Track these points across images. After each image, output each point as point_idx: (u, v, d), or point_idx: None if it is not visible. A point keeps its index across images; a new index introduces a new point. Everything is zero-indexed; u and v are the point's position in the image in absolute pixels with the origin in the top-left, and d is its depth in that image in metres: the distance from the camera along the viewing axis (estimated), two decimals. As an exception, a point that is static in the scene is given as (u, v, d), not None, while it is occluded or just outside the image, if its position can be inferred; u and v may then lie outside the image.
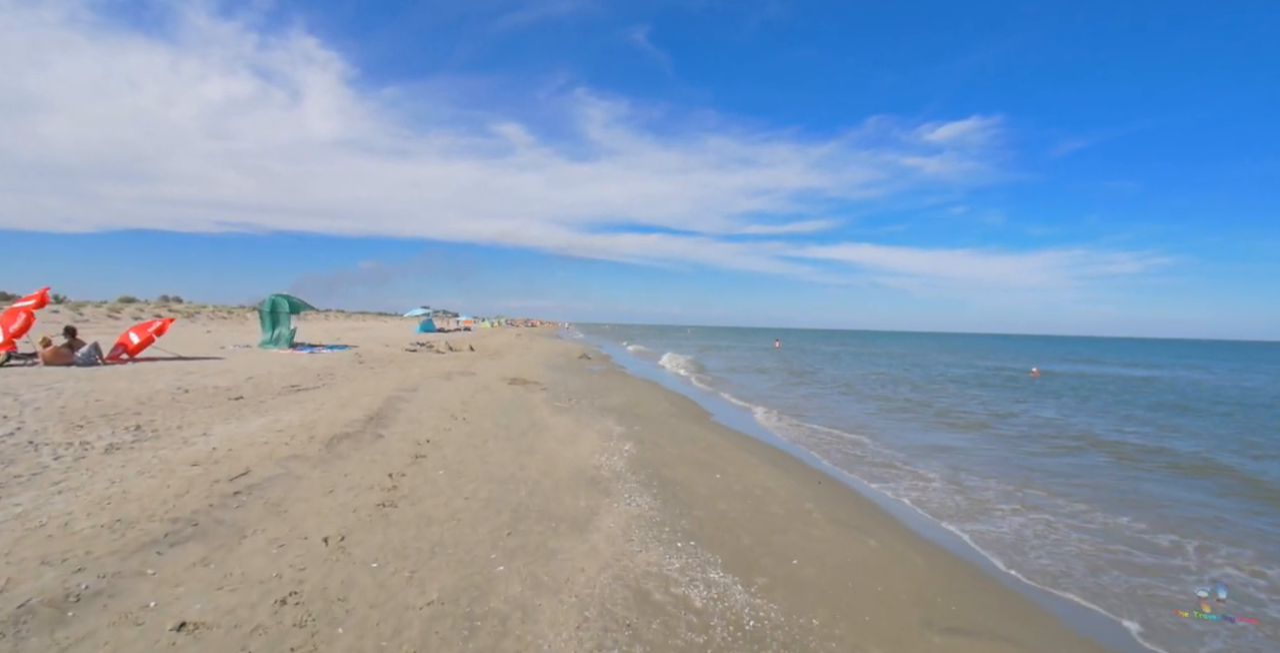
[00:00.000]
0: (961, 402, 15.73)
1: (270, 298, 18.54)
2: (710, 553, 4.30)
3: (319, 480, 5.06)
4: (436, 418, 8.11)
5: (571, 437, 7.78)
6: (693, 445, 7.97)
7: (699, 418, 10.80)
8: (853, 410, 13.48)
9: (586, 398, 11.68)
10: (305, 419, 7.29)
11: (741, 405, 13.57)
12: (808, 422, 11.45)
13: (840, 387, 18.93)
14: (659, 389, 15.01)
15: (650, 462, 6.82)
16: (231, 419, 7.21)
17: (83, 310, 30.27)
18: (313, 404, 8.40)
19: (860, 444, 9.44)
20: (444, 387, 11.25)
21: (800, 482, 6.68)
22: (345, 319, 62.90)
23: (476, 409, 9.06)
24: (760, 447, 8.77)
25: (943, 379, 23.43)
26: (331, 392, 9.72)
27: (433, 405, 9.04)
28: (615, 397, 12.29)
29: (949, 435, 10.67)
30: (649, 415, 10.19)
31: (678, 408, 11.59)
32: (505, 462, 6.22)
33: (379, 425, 7.30)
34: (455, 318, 62.55)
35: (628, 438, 8.04)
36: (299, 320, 19.22)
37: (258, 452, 5.69)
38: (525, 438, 7.45)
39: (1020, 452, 9.46)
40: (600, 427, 8.65)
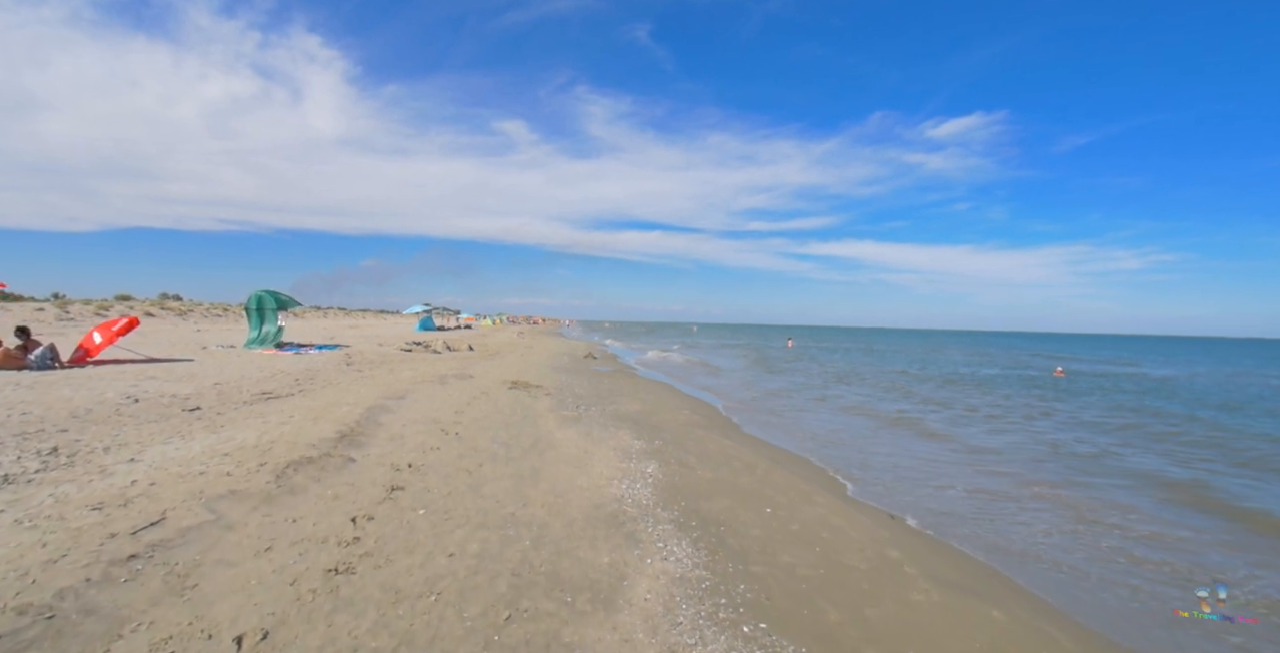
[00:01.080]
0: (1011, 408, 14.45)
1: (255, 295, 17.33)
2: (790, 643, 3.06)
3: (255, 531, 3.82)
4: (423, 433, 6.87)
5: (583, 456, 6.53)
6: (728, 466, 6.72)
7: (727, 429, 9.54)
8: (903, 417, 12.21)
9: (596, 404, 10.44)
10: (263, 437, 6.05)
11: (771, 411, 12.31)
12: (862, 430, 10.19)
13: (874, 387, 17.66)
14: (675, 393, 13.75)
15: (682, 490, 5.57)
16: (174, 438, 5.98)
17: (69, 308, 29.13)
18: (279, 416, 7.16)
19: (930, 459, 8.19)
20: (437, 392, 10.01)
21: (871, 517, 5.42)
22: (345, 317, 61.76)
23: (471, 421, 7.82)
24: (807, 467, 7.52)
25: (971, 380, 22.12)
26: (307, 400, 8.48)
27: (421, 416, 7.80)
28: (628, 402, 11.05)
29: (1023, 446, 9.40)
30: (669, 426, 8.94)
31: (700, 416, 10.33)
32: (504, 494, 4.98)
33: (352, 445, 6.05)
34: (456, 316, 61.36)
35: (650, 456, 6.80)
36: (287, 318, 17.99)
37: (187, 487, 4.46)
38: (528, 459, 6.20)
39: (1141, 477, 8.19)
40: (616, 441, 7.41)
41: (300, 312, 56.09)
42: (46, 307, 28.75)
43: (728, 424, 10.02)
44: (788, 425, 10.63)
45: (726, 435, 8.67)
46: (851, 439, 9.52)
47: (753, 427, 10.12)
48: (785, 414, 12.01)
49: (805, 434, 9.82)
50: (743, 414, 11.55)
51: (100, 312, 30.50)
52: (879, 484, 6.90)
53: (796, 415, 11.89)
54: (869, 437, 9.82)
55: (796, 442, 9.09)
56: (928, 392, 17.00)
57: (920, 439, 9.73)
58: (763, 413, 12.02)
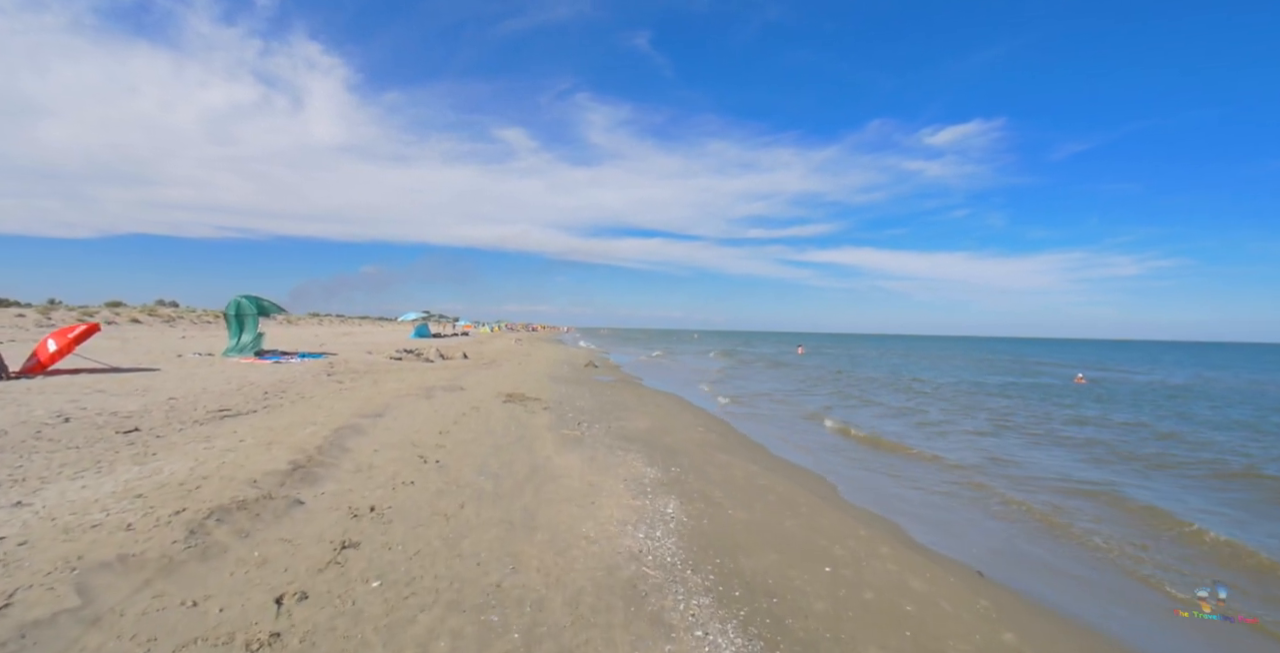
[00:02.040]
0: (1051, 417, 13.31)
1: (235, 300, 16.23)
2: None
3: (131, 626, 2.70)
4: (398, 462, 5.75)
5: (588, 491, 5.41)
6: (762, 502, 5.60)
7: (750, 451, 8.41)
8: (945, 432, 11.08)
9: (600, 421, 9.32)
10: (197, 470, 4.93)
11: (796, 429, 11.17)
12: (900, 450, 9.05)
13: (900, 393, 16.53)
14: (687, 408, 12.62)
15: (714, 539, 4.45)
16: (88, 471, 4.86)
17: (51, 314, 28.04)
18: (227, 441, 6.04)
19: (989, 488, 7.06)
20: (421, 409, 8.89)
21: (957, 576, 4.29)
22: (340, 324, 60.64)
23: (457, 444, 6.70)
24: (860, 502, 6.40)
25: (990, 388, 20.98)
26: (268, 419, 7.36)
27: (398, 439, 6.68)
28: (636, 418, 9.93)
29: (1115, 473, 8.27)
30: (685, 448, 7.82)
31: (717, 435, 9.20)
32: (489, 551, 3.86)
33: (305, 480, 4.93)
34: (454, 323, 60.29)
35: (668, 489, 5.68)
36: (272, 325, 16.87)
37: (66, 549, 3.34)
38: (522, 496, 5.08)
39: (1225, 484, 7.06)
40: (626, 469, 6.30)
41: (295, 318, 55.04)
42: (28, 312, 27.66)
43: (750, 445, 8.89)
44: (818, 446, 9.50)
45: (752, 460, 7.54)
46: (905, 440, 8.39)
47: (781, 447, 9.00)
48: (811, 432, 10.88)
49: (839, 457, 8.69)
50: (765, 431, 10.42)
51: (84, 317, 29.39)
52: (947, 524, 5.78)
53: (833, 427, 10.76)
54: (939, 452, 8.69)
55: (832, 466, 7.97)
56: (960, 404, 15.87)
57: (975, 463, 8.61)
58: (787, 430, 10.89)
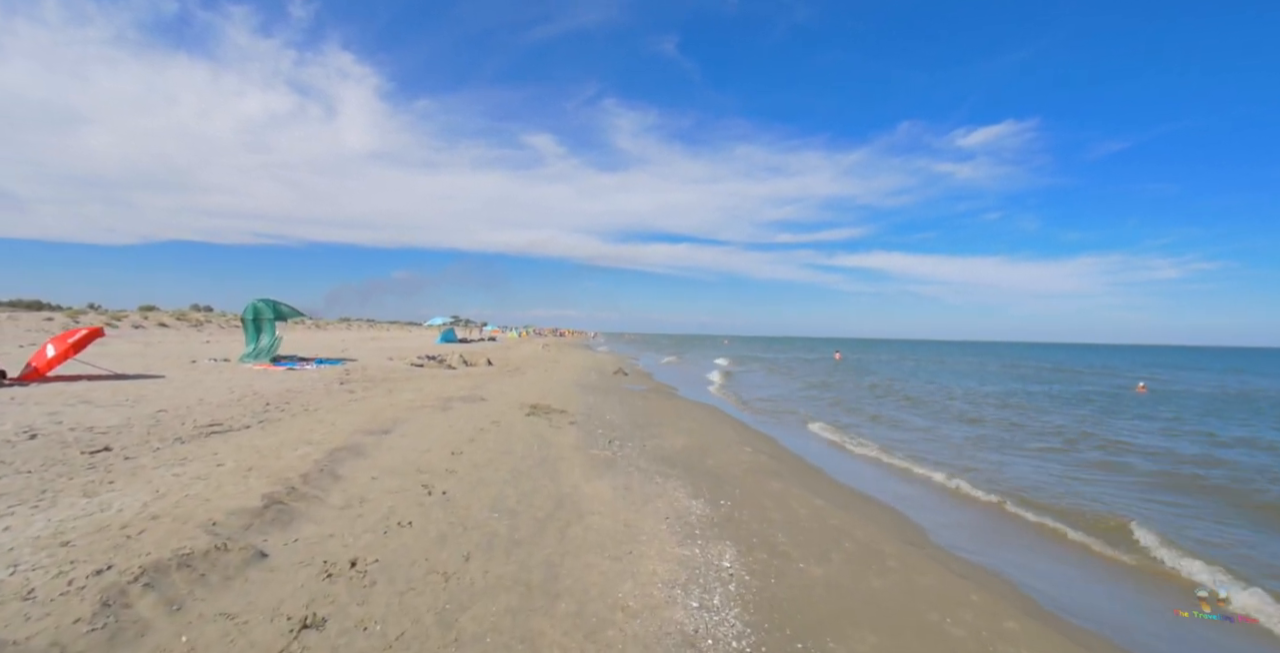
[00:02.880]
0: (1137, 431, 11.88)
1: (252, 304, 15.70)
2: None
3: None
4: (397, 493, 4.83)
5: (624, 534, 4.41)
6: (839, 551, 4.52)
7: (811, 478, 7.30)
8: (1025, 456, 9.82)
9: (633, 438, 8.33)
10: (150, 507, 4.07)
11: (865, 450, 10.00)
12: (1000, 484, 7.84)
13: (973, 406, 15.18)
14: (726, 422, 11.55)
15: (788, 610, 3.41)
16: (25, 504, 4.03)
17: (80, 318, 28.19)
18: (203, 464, 5.20)
19: (1134, 544, 5.83)
20: (436, 423, 8.00)
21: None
22: (369, 329, 60.88)
23: (470, 469, 5.76)
24: (958, 548, 5.27)
25: (1058, 399, 19.37)
26: (259, 436, 6.53)
27: (402, 462, 5.77)
28: (672, 435, 8.90)
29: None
30: (733, 473, 6.77)
31: (769, 457, 8.11)
32: (496, 636, 2.88)
33: (277, 521, 4.02)
34: (481, 328, 60.03)
35: (720, 531, 4.66)
36: (291, 329, 16.32)
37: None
38: (542, 543, 4.10)
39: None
40: (668, 502, 5.29)
41: (324, 323, 55.36)
42: (56, 316, 27.86)
43: (806, 470, 7.78)
44: (885, 469, 8.36)
45: (813, 490, 6.44)
46: (1001, 474, 7.21)
47: (843, 471, 7.88)
48: (872, 449, 9.72)
49: (914, 485, 7.55)
50: (821, 452, 9.30)
51: (113, 321, 29.54)
52: (1069, 580, 4.63)
53: (885, 453, 9.59)
54: (1020, 481, 7.49)
55: (907, 497, 6.83)
56: (1017, 418, 14.45)
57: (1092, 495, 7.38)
58: (844, 450, 9.75)
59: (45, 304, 37.05)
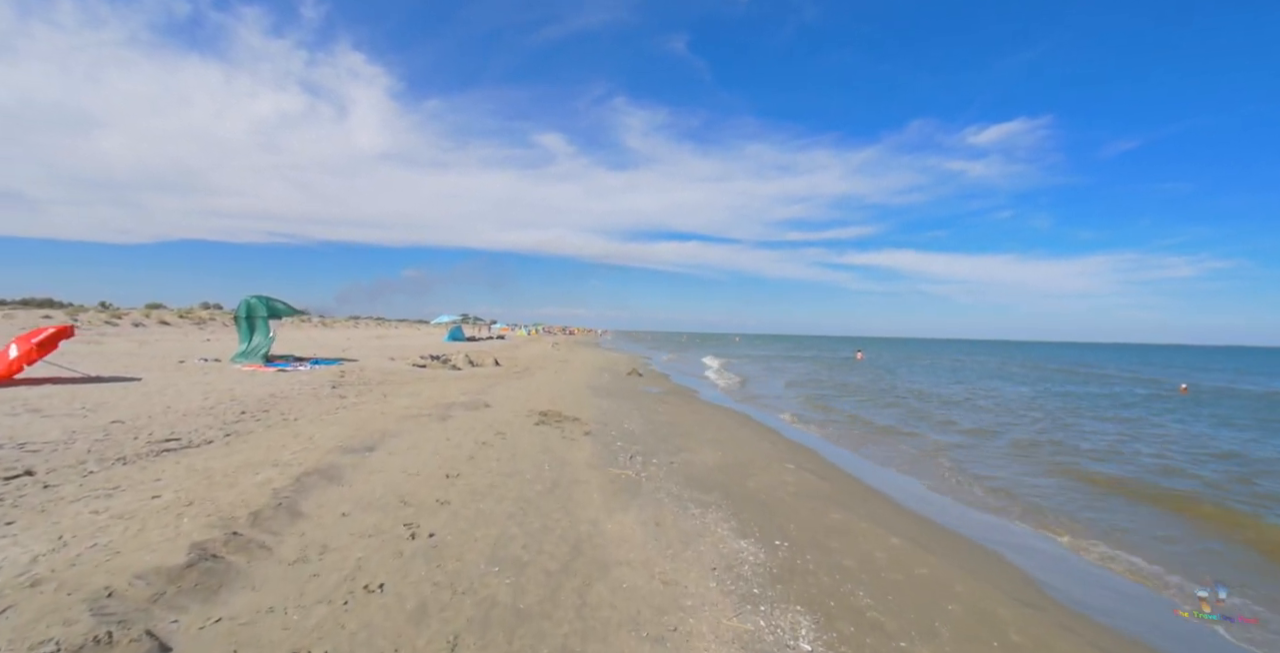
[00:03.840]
0: (1213, 438, 10.68)
1: (245, 301, 14.79)
2: None
3: None
4: (370, 537, 3.79)
5: (664, 597, 3.35)
6: (947, 621, 3.43)
7: (875, 505, 6.19)
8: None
9: (658, 451, 7.28)
10: (37, 564, 3.06)
11: (918, 464, 8.89)
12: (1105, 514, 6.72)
13: (1026, 411, 14.01)
14: (758, 431, 10.45)
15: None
16: None
17: (79, 316, 27.53)
18: (133, 497, 4.19)
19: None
20: (430, 436, 6.98)
21: None
22: (376, 327, 60.24)
23: (466, 499, 4.72)
24: (1086, 606, 4.17)
25: (1109, 401, 18.11)
26: (219, 455, 5.53)
27: (383, 491, 4.74)
28: (701, 447, 7.84)
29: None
30: (781, 498, 5.69)
31: (817, 475, 7.01)
32: None
33: (198, 589, 3.00)
34: (489, 326, 59.16)
35: (785, 588, 3.59)
36: (289, 327, 15.39)
37: None
38: (555, 619, 3.04)
39: None
40: (712, 544, 4.23)
41: (331, 321, 54.72)
42: (55, 313, 27.22)
43: (866, 493, 6.66)
44: (954, 492, 7.26)
45: (885, 523, 5.34)
46: (1100, 521, 6.09)
47: (909, 495, 6.77)
48: (926, 462, 8.61)
49: (993, 512, 6.45)
50: (874, 471, 8.20)
51: (114, 319, 28.89)
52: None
53: (949, 471, 8.47)
54: (1132, 519, 6.37)
55: (995, 530, 5.73)
56: (1087, 427, 13.25)
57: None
58: (902, 467, 8.64)
59: (55, 302, 36.62)
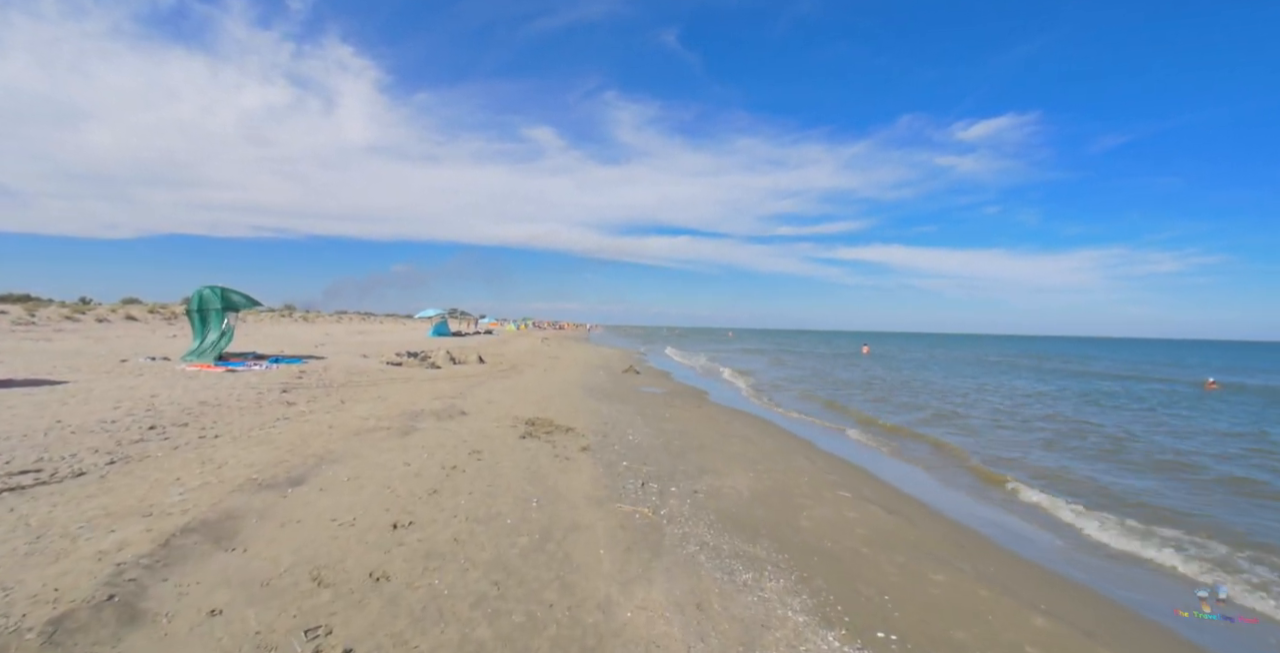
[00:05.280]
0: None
1: (197, 292, 13.12)
2: None
3: None
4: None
5: None
6: None
7: (977, 550, 4.74)
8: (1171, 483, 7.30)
9: (677, 476, 5.81)
10: None
11: (991, 492, 7.47)
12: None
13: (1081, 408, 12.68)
14: (787, 441, 8.97)
15: None
16: None
17: (37, 312, 25.62)
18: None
19: None
20: (384, 458, 5.46)
21: None
22: (361, 322, 58.31)
23: (415, 573, 3.22)
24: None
25: (1129, 398, 16.88)
26: (78, 496, 3.99)
27: (290, 560, 3.23)
28: (727, 467, 6.39)
29: None
30: (852, 547, 4.24)
31: (886, 507, 5.53)
32: None
33: None
34: (476, 321, 57.40)
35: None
36: (241, 321, 13.76)
37: None
38: None
39: None
40: (785, 638, 2.76)
41: (313, 315, 52.77)
42: (12, 308, 25.30)
43: (957, 532, 5.18)
44: (1060, 534, 5.84)
45: (1000, 583, 3.89)
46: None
47: (1010, 534, 5.33)
48: (1004, 496, 7.19)
49: (1126, 562, 5.03)
50: (948, 498, 6.77)
51: (75, 315, 27.01)
52: None
53: (1035, 503, 7.06)
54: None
55: (1144, 590, 4.31)
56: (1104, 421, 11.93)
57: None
58: (975, 494, 7.23)
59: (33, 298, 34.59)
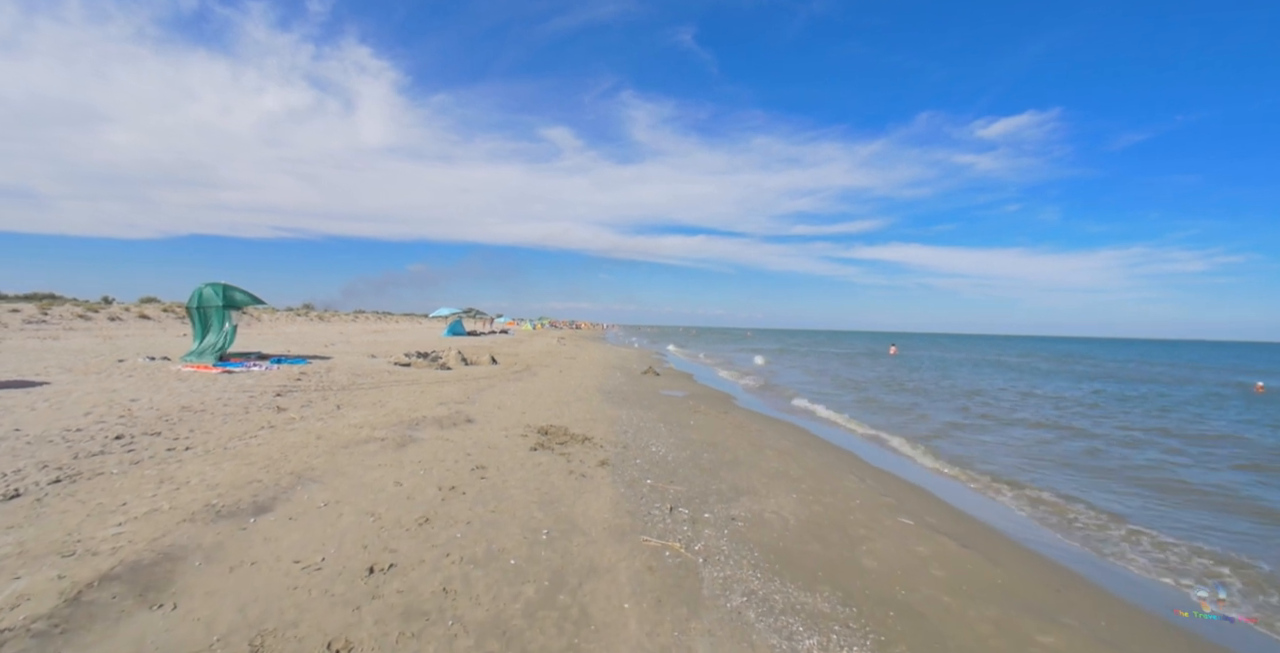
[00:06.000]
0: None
1: (197, 290, 12.56)
2: None
3: None
4: None
5: None
6: None
7: (1084, 604, 3.91)
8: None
9: (709, 497, 5.03)
10: None
11: (1102, 527, 6.58)
12: None
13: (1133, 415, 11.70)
14: (831, 453, 8.13)
15: None
16: None
17: (50, 310, 25.51)
18: None
19: None
20: (373, 476, 4.74)
21: None
22: (377, 321, 58.21)
23: (384, 645, 2.48)
24: None
25: (1177, 402, 15.74)
26: (5, 525, 3.32)
27: (231, 620, 2.51)
28: (767, 487, 5.59)
29: None
30: (936, 598, 3.43)
31: (961, 541, 4.69)
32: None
33: None
34: (492, 320, 56.92)
35: None
36: (255, 319, 13.21)
37: None
38: None
39: None
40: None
41: (328, 314, 52.67)
42: (23, 306, 25.20)
43: (1058, 577, 4.36)
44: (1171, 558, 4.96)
45: (1104, 643, 3.07)
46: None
47: (1125, 583, 4.48)
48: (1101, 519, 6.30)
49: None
50: (1022, 512, 5.91)
51: (88, 313, 26.89)
52: None
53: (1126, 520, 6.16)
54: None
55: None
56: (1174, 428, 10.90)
57: None
58: (1061, 504, 6.35)
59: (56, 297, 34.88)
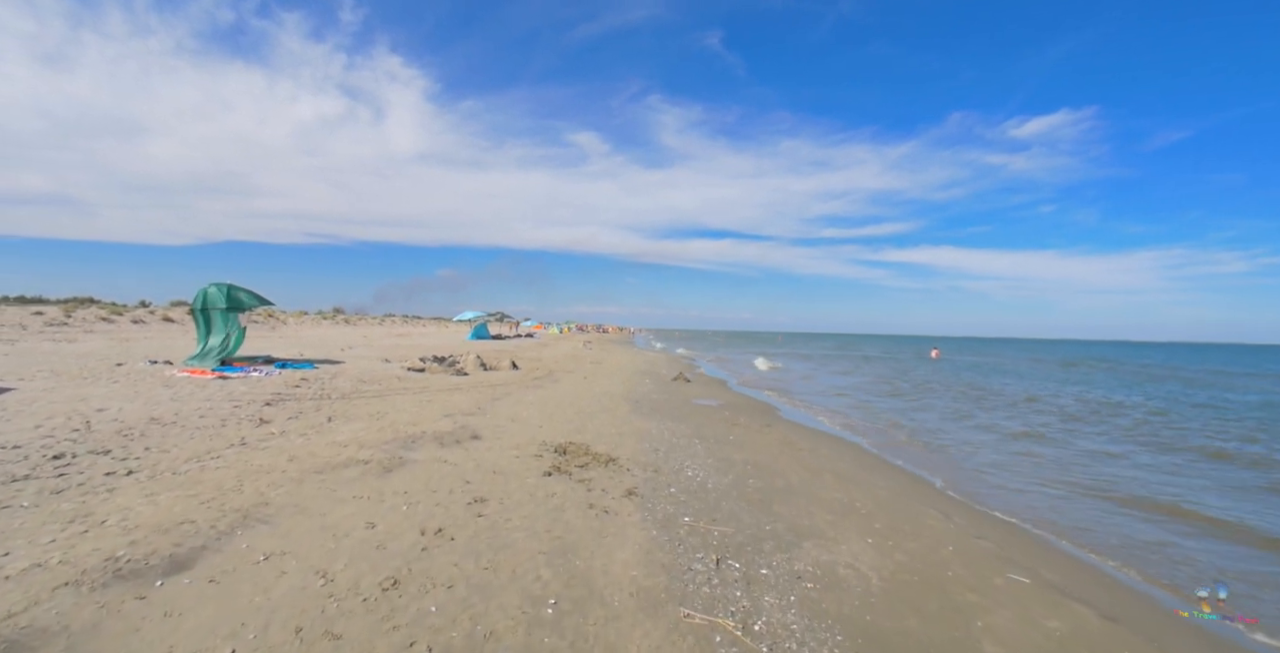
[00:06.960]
0: None
1: (201, 291, 11.91)
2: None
3: None
4: None
5: None
6: None
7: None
8: None
9: (765, 545, 3.95)
10: None
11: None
12: None
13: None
14: (906, 481, 6.96)
15: None
16: None
17: (73, 313, 25.51)
18: None
19: None
20: (341, 513, 3.77)
21: None
22: (403, 324, 58.19)
23: None
24: None
25: (1244, 408, 14.02)
26: None
27: None
28: (835, 528, 4.49)
29: None
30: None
31: (1091, 602, 3.51)
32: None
33: None
34: (518, 324, 56.32)
35: None
36: (250, 321, 12.52)
37: None
38: None
39: None
40: None
41: (354, 318, 52.72)
42: (48, 309, 25.26)
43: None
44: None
45: None
46: None
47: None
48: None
49: None
50: (1160, 572, 4.70)
51: (111, 315, 26.88)
52: None
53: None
54: None
55: None
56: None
57: None
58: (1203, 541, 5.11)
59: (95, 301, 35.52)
